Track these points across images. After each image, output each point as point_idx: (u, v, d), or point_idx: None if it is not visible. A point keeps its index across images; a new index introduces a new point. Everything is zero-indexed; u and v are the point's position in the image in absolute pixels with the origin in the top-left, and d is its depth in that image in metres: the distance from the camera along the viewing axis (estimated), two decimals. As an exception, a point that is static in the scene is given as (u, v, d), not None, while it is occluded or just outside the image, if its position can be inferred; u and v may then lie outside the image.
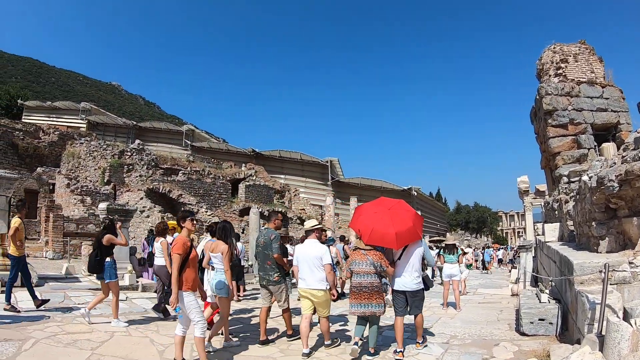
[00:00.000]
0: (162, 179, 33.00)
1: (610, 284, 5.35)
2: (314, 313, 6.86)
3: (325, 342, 6.88)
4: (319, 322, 7.00)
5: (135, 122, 52.91)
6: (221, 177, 37.90)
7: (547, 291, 8.33)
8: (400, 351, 6.45)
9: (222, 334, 7.10)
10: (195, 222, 6.28)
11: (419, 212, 38.05)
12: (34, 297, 8.46)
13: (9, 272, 8.62)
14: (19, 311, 7.99)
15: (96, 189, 27.71)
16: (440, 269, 11.67)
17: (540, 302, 7.76)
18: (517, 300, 10.52)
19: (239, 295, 12.12)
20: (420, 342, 7.14)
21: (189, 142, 49.09)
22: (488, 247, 36.21)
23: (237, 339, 7.39)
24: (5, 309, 7.94)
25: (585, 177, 7.54)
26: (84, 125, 47.77)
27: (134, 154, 34.05)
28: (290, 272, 7.86)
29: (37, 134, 36.54)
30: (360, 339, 6.55)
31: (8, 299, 8.15)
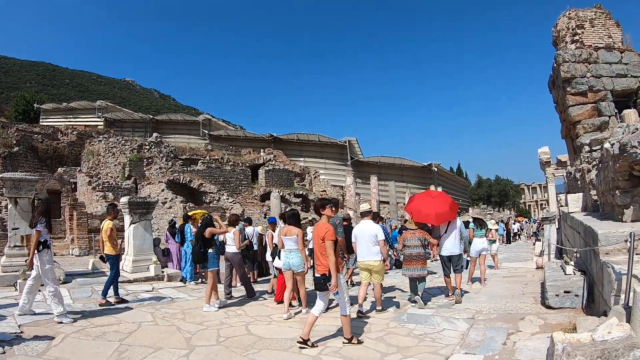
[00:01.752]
0: (182, 170, 33.27)
1: (637, 254, 5.24)
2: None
3: (377, 308, 8.16)
4: (373, 290, 8.41)
5: (151, 116, 53.21)
6: (240, 164, 38.08)
7: (572, 263, 8.23)
8: (452, 293, 9.13)
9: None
10: (334, 208, 6.77)
11: (440, 188, 38.28)
12: (115, 293, 9.10)
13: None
14: (127, 301, 9.01)
15: (117, 184, 27.97)
16: (470, 242, 11.71)
17: (565, 274, 7.65)
18: (542, 273, 10.75)
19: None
20: (459, 297, 8.96)
21: (206, 132, 49.27)
22: (501, 222, 35.66)
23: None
24: (115, 302, 8.82)
25: (607, 145, 7.37)
26: (102, 123, 48.18)
27: (153, 147, 34.29)
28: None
29: (55, 135, 37.03)
30: (415, 296, 8.69)
31: (116, 292, 9.07)
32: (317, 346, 5.99)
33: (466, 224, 11.30)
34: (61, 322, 7.00)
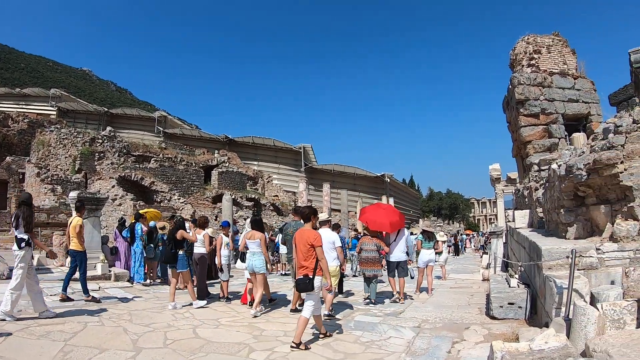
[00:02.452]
0: (134, 167, 32.64)
1: (578, 270, 5.49)
2: None
3: (325, 312, 8.14)
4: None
5: (106, 109, 51.99)
6: (194, 164, 37.67)
7: (517, 276, 8.51)
8: (398, 292, 10.34)
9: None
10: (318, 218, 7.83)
11: (392, 199, 38.73)
12: (85, 292, 9.19)
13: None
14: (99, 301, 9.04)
15: (67, 177, 27.24)
16: (417, 253, 12.07)
17: (509, 286, 7.89)
18: (487, 285, 11.16)
19: None
20: (402, 297, 10.24)
21: (161, 129, 48.43)
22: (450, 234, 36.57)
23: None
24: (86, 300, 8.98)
25: (554, 166, 7.70)
26: (54, 113, 46.69)
27: (105, 142, 33.49)
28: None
29: (6, 122, 35.72)
30: (368, 295, 10.04)
31: (86, 290, 9.16)
32: (310, 348, 6.16)
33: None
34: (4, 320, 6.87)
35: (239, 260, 9.77)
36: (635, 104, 8.98)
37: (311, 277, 6.28)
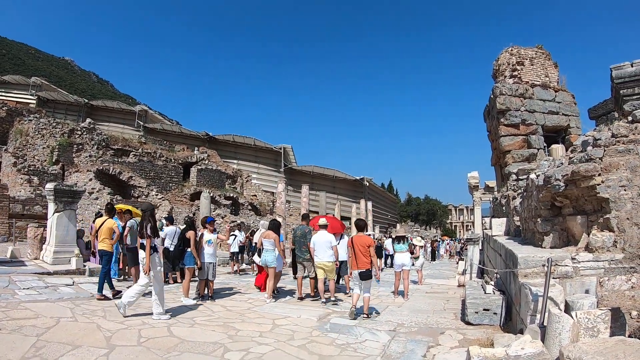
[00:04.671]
0: (113, 160, 32.23)
1: (553, 278, 5.57)
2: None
3: (331, 298, 10.15)
4: (328, 284, 10.34)
5: (87, 100, 51.29)
6: (173, 160, 37.36)
7: (492, 283, 8.59)
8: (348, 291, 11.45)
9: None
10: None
11: (370, 202, 38.78)
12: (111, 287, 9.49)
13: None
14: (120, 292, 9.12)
15: (44, 168, 26.79)
16: (390, 256, 12.47)
17: (485, 293, 7.98)
18: (463, 290, 11.38)
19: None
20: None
21: (141, 123, 47.92)
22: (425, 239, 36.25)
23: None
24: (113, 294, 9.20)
25: (533, 176, 7.79)
26: (34, 101, 45.94)
27: (85, 133, 32.98)
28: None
29: (-18, 109, 34.99)
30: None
31: (111, 286, 9.51)
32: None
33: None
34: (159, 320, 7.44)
35: (255, 255, 11.53)
36: (615, 119, 9.14)
37: (370, 269, 8.48)
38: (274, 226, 10.58)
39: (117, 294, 9.11)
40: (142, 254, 7.74)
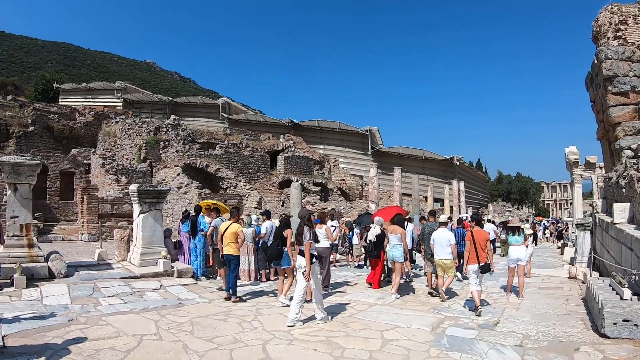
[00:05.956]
0: (199, 154, 32.32)
1: None
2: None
3: (443, 289, 9.85)
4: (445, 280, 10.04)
5: (170, 98, 52.43)
6: (259, 150, 37.11)
7: (626, 284, 7.07)
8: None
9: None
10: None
11: (462, 183, 36.88)
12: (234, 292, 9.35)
13: (37, 263, 9.69)
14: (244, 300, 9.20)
15: (132, 166, 27.08)
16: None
17: (622, 298, 6.70)
18: (577, 285, 11.25)
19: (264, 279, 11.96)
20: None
21: (225, 116, 48.41)
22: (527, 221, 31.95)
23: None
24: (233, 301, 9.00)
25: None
26: (120, 104, 47.60)
27: (170, 130, 33.40)
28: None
29: (72, 115, 36.50)
30: None
31: (234, 291, 9.33)
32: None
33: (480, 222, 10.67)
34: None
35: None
36: None
37: (489, 262, 8.73)
38: (400, 220, 10.62)
39: (235, 299, 9.08)
40: (300, 260, 7.59)
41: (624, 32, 18.30)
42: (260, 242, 11.52)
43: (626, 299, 6.62)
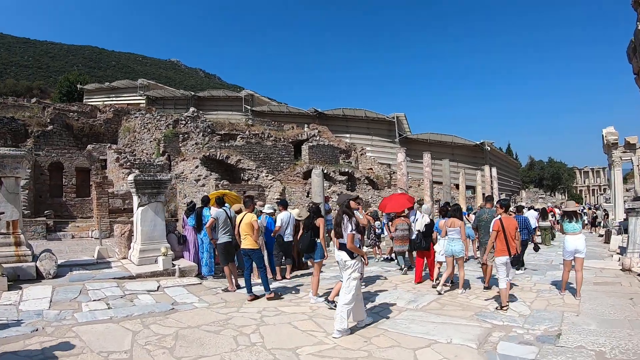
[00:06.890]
0: (220, 145, 31.32)
1: None
2: None
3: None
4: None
5: (193, 93, 52.03)
6: (282, 140, 35.99)
7: None
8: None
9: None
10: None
11: (495, 168, 35.16)
12: (249, 290, 8.51)
13: (24, 263, 8.72)
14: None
15: (149, 161, 26.27)
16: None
17: None
18: (636, 280, 9.98)
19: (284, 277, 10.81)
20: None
21: (248, 107, 47.81)
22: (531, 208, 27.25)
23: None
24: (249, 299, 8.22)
25: None
26: (144, 101, 47.44)
27: (189, 122, 32.62)
28: None
29: (93, 113, 36.32)
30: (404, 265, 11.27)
31: (250, 289, 8.48)
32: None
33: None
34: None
35: (437, 245, 9.96)
36: None
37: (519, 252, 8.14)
38: (458, 212, 9.43)
39: (270, 295, 8.36)
40: (342, 255, 6.37)
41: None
42: (276, 235, 10.46)
43: None
